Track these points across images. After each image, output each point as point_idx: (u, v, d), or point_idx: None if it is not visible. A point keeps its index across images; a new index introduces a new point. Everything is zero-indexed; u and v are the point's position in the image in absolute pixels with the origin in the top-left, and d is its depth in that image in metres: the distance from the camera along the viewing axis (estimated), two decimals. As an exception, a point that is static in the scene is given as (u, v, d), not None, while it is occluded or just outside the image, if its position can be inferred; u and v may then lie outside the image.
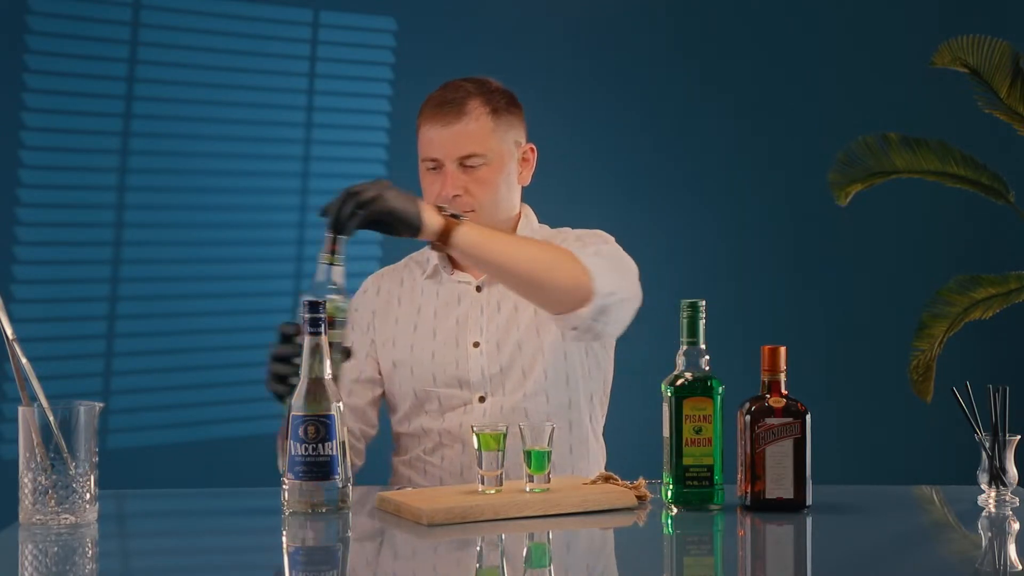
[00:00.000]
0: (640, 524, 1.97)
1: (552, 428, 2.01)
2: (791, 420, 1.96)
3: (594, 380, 2.47)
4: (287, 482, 1.95)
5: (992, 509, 2.00)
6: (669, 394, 1.98)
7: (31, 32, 3.94)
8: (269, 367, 2.02)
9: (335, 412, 1.96)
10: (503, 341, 2.41)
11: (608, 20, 4.27)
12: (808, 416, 1.97)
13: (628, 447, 2.65)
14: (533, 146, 2.48)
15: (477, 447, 2.00)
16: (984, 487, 2.02)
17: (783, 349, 2.00)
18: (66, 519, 1.86)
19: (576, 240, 2.44)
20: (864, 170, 3.82)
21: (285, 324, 2.03)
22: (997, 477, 2.01)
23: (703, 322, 2.00)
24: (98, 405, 1.90)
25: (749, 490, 1.97)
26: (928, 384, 3.77)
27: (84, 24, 3.98)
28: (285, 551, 1.85)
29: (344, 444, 1.97)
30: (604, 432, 2.54)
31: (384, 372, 2.48)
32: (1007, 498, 2.01)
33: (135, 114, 4.00)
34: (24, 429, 1.86)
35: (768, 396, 1.97)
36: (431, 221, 2.12)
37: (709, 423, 1.97)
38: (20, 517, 1.88)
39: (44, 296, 3.98)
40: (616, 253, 2.40)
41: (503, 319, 2.42)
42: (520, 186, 2.48)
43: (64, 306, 4.00)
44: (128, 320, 4.01)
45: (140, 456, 3.92)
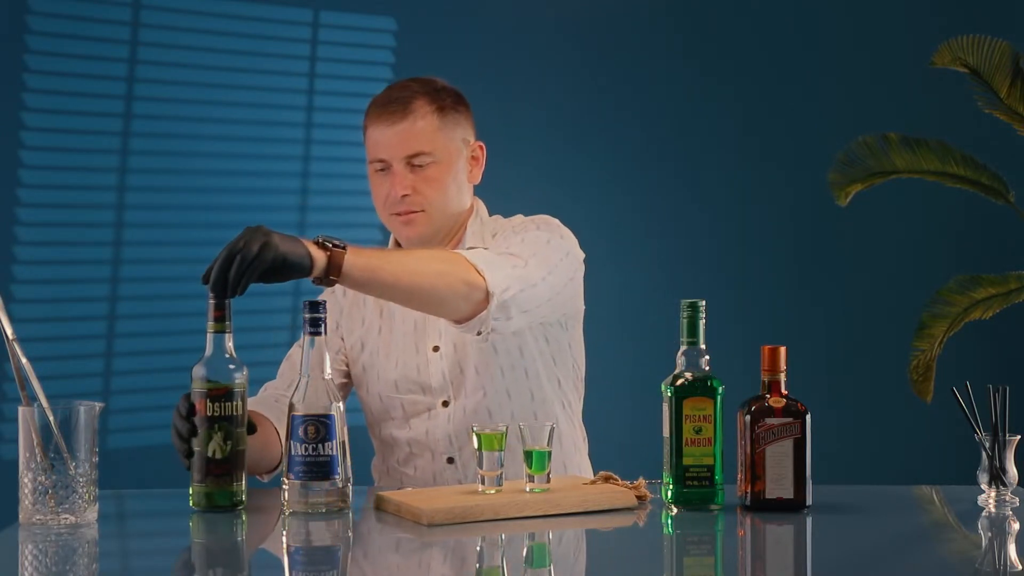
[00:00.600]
0: (640, 524, 1.97)
1: (552, 428, 2.01)
2: (791, 420, 1.96)
3: (561, 365, 2.42)
4: (287, 482, 1.95)
5: (992, 509, 2.00)
6: (669, 394, 1.98)
7: (31, 32, 3.94)
8: (175, 423, 2.01)
9: (335, 412, 1.96)
10: (459, 342, 2.37)
11: (607, 20, 4.27)
12: (808, 416, 1.97)
13: (628, 447, 2.65)
14: (482, 144, 2.44)
15: (477, 447, 2.00)
16: (984, 487, 2.02)
17: (783, 349, 2.00)
18: (66, 519, 1.86)
19: (512, 232, 2.34)
20: (864, 170, 3.81)
21: (184, 399, 2.02)
22: (997, 477, 2.01)
23: (703, 322, 2.00)
24: (98, 405, 1.91)
25: (749, 490, 1.97)
26: (928, 384, 3.77)
27: (84, 24, 3.98)
28: (285, 551, 1.85)
29: (344, 444, 1.97)
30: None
31: (355, 376, 2.46)
32: (1007, 498, 2.01)
33: (135, 114, 4.00)
34: (24, 429, 1.86)
35: (768, 396, 1.97)
36: (318, 256, 1.98)
37: (709, 423, 1.97)
38: (20, 517, 1.88)
39: (44, 296, 3.98)
40: (537, 238, 2.30)
41: None
42: (471, 184, 2.43)
43: (64, 306, 4.00)
44: (128, 320, 4.01)
45: (140, 456, 3.92)
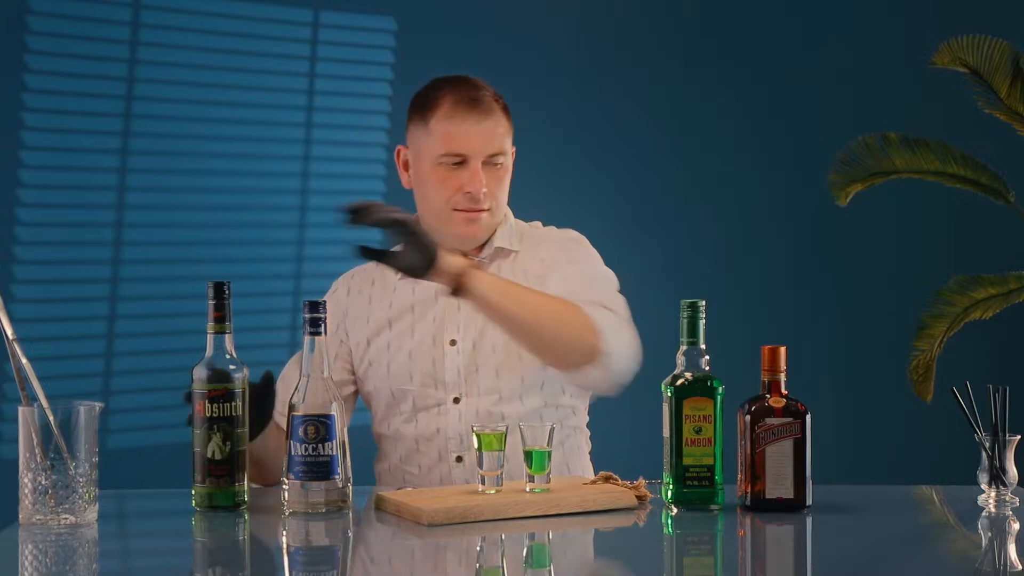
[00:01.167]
0: (640, 524, 1.97)
1: (552, 428, 2.01)
2: (791, 420, 1.96)
3: None
4: (287, 482, 1.95)
5: (992, 509, 2.00)
6: (669, 394, 1.98)
7: (31, 32, 3.94)
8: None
9: (335, 412, 1.96)
10: (479, 341, 2.38)
11: (608, 21, 4.27)
12: (808, 416, 1.97)
13: (628, 447, 2.65)
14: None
15: (477, 447, 2.00)
16: (984, 487, 2.02)
17: (783, 349, 2.00)
18: (66, 519, 1.86)
19: (568, 262, 2.42)
20: (864, 170, 3.81)
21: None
22: (997, 477, 2.01)
23: (703, 322, 2.00)
24: (98, 405, 1.91)
25: (749, 490, 1.97)
26: (928, 384, 3.77)
27: (84, 24, 3.97)
28: (285, 551, 1.85)
29: (344, 444, 1.97)
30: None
31: (358, 373, 2.47)
32: (1007, 498, 2.01)
33: (135, 114, 4.00)
34: (24, 429, 1.87)
35: (768, 396, 1.97)
36: (451, 260, 2.13)
37: (709, 423, 1.97)
38: (20, 517, 1.88)
39: (44, 296, 3.97)
40: (608, 281, 2.41)
41: (481, 318, 2.37)
42: None
43: (64, 306, 3.99)
44: (128, 320, 4.00)
45: (140, 456, 3.92)
